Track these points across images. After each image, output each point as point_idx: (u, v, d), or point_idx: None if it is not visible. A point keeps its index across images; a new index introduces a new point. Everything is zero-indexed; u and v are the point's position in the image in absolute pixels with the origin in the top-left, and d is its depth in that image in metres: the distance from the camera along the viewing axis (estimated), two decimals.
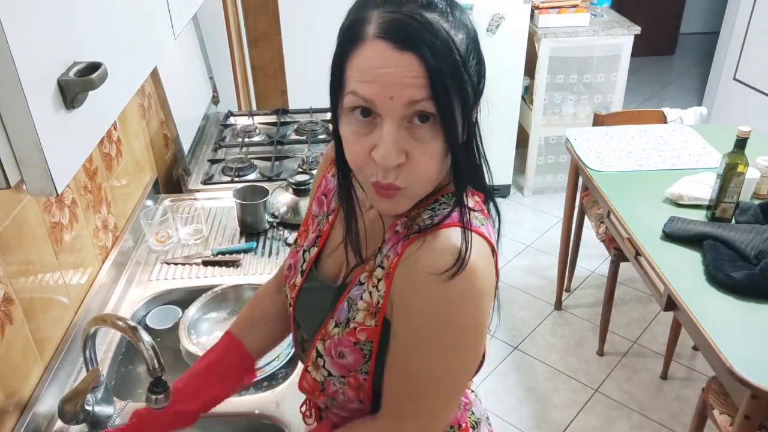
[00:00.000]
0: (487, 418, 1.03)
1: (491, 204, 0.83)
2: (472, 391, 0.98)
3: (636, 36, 3.32)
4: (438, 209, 0.78)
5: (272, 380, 1.31)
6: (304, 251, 0.94)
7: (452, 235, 0.74)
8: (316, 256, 0.92)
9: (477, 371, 0.89)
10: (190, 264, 1.63)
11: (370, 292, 0.80)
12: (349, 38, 0.69)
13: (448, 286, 0.71)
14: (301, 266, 0.94)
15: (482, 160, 0.79)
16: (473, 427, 0.96)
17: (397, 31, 0.66)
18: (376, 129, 0.70)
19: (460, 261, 0.71)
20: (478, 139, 0.77)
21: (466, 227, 0.74)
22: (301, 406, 1.04)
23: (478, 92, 0.74)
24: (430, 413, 0.79)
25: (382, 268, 0.79)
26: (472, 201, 0.79)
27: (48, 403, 1.15)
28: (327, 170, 0.96)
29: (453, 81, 0.68)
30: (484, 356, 0.88)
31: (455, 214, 0.76)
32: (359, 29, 0.68)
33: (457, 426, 0.93)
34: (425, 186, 0.75)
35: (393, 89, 0.67)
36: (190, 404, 0.99)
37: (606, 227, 2.28)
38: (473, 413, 0.97)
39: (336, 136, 0.77)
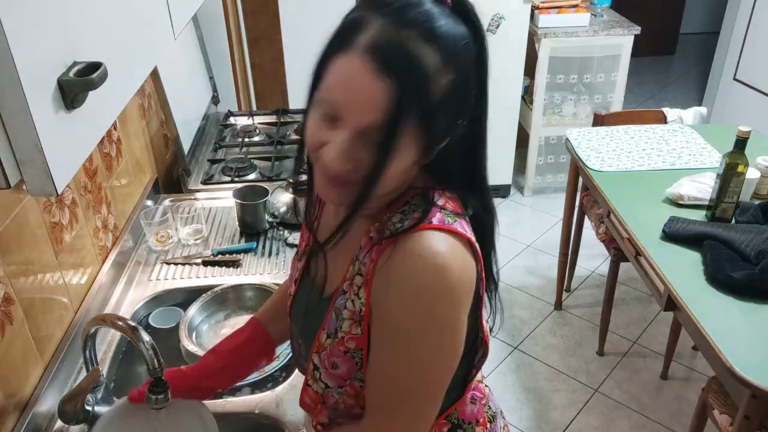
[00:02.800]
0: (501, 411, 1.03)
1: (468, 207, 0.83)
2: (486, 385, 0.99)
3: (636, 36, 3.32)
4: (408, 212, 0.78)
5: (272, 380, 1.31)
6: (298, 260, 0.96)
7: (423, 238, 0.74)
8: (305, 265, 0.93)
9: (482, 362, 0.90)
10: (190, 264, 1.63)
11: (352, 300, 0.80)
12: (340, 38, 0.69)
13: (421, 287, 0.72)
14: (295, 275, 0.95)
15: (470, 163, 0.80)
16: (491, 421, 0.97)
17: (383, 54, 0.66)
18: (335, 130, 0.70)
19: (432, 266, 0.72)
20: (470, 143, 0.78)
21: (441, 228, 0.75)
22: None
23: (457, 123, 0.73)
24: (414, 412, 0.80)
25: (361, 275, 0.79)
26: (443, 198, 0.79)
27: (48, 403, 1.15)
28: None
29: (417, 122, 0.68)
30: (487, 347, 0.88)
31: (425, 217, 0.76)
32: (352, 33, 0.68)
33: (475, 421, 0.93)
34: (385, 188, 0.74)
35: (355, 107, 0.67)
36: (216, 381, 1.04)
37: (606, 227, 2.28)
38: (489, 407, 0.98)
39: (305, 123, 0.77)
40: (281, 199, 1.78)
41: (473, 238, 0.78)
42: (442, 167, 0.78)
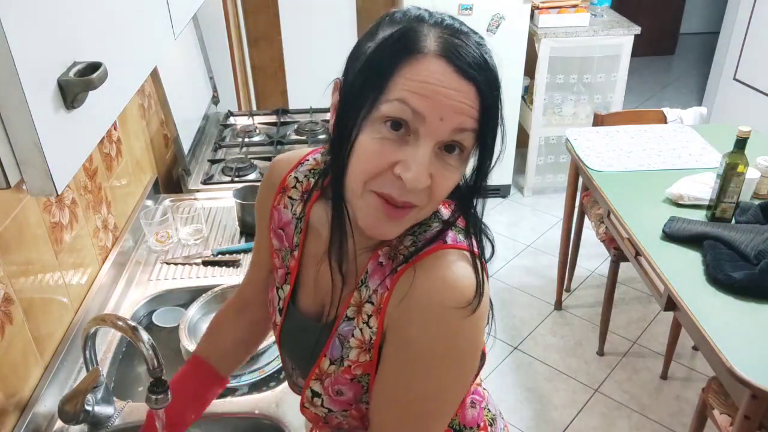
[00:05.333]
0: (500, 412, 1.03)
1: (479, 233, 0.79)
2: (484, 388, 0.98)
3: (636, 36, 3.32)
4: (419, 233, 0.76)
5: (272, 380, 1.31)
6: (278, 288, 0.91)
7: (443, 260, 0.72)
8: (290, 294, 0.89)
9: (480, 367, 0.89)
10: (190, 264, 1.63)
11: (361, 329, 0.77)
12: (403, 46, 0.66)
13: (446, 311, 0.70)
14: (278, 304, 0.91)
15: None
16: (491, 424, 0.96)
17: (461, 56, 0.65)
18: (406, 146, 0.66)
19: (478, 297, 0.70)
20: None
21: (478, 259, 0.73)
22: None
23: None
24: (425, 430, 0.78)
25: (371, 303, 0.76)
26: (448, 210, 0.78)
27: (48, 403, 1.15)
28: (275, 201, 0.90)
29: (496, 119, 0.69)
30: (484, 357, 0.88)
31: (439, 237, 0.74)
32: (416, 40, 0.66)
33: (476, 426, 0.92)
34: (432, 210, 0.73)
35: (446, 111, 0.65)
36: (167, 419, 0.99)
37: (606, 227, 2.28)
38: (489, 410, 0.97)
39: (338, 143, 0.70)
40: None
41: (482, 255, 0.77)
42: (473, 186, 0.75)
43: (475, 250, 0.75)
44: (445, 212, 0.78)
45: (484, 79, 0.66)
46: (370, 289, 0.77)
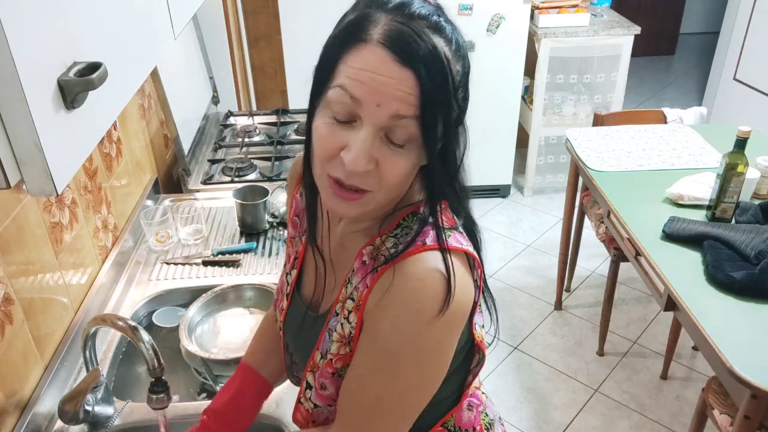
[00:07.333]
0: (500, 418, 1.02)
1: (473, 229, 0.81)
2: (483, 392, 0.97)
3: (636, 36, 3.32)
4: (401, 235, 0.76)
5: None
6: (287, 274, 0.94)
7: (422, 260, 0.72)
8: (296, 279, 0.92)
9: (479, 368, 0.89)
10: (190, 264, 1.63)
11: (342, 324, 0.79)
12: (351, 34, 0.68)
13: (420, 310, 0.71)
14: (286, 290, 0.94)
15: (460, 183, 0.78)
16: (487, 429, 0.95)
17: (401, 44, 0.65)
18: (352, 130, 0.69)
19: (447, 301, 0.71)
20: (458, 162, 0.76)
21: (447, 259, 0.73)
22: None
23: (459, 122, 0.74)
24: (385, 429, 0.79)
25: (353, 299, 0.78)
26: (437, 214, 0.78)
27: (48, 403, 1.15)
28: (295, 190, 0.94)
29: (441, 107, 0.68)
30: (483, 358, 0.88)
31: (419, 238, 0.74)
32: (363, 28, 0.67)
33: (471, 429, 0.92)
34: (388, 195, 0.73)
35: (382, 98, 0.66)
36: None
37: (606, 227, 2.28)
38: (486, 414, 0.96)
39: (308, 129, 0.75)
40: (281, 199, 1.78)
41: (470, 249, 0.77)
42: (432, 175, 0.75)
43: (448, 245, 0.74)
44: (429, 212, 0.78)
45: (423, 67, 0.66)
46: (353, 286, 0.79)
